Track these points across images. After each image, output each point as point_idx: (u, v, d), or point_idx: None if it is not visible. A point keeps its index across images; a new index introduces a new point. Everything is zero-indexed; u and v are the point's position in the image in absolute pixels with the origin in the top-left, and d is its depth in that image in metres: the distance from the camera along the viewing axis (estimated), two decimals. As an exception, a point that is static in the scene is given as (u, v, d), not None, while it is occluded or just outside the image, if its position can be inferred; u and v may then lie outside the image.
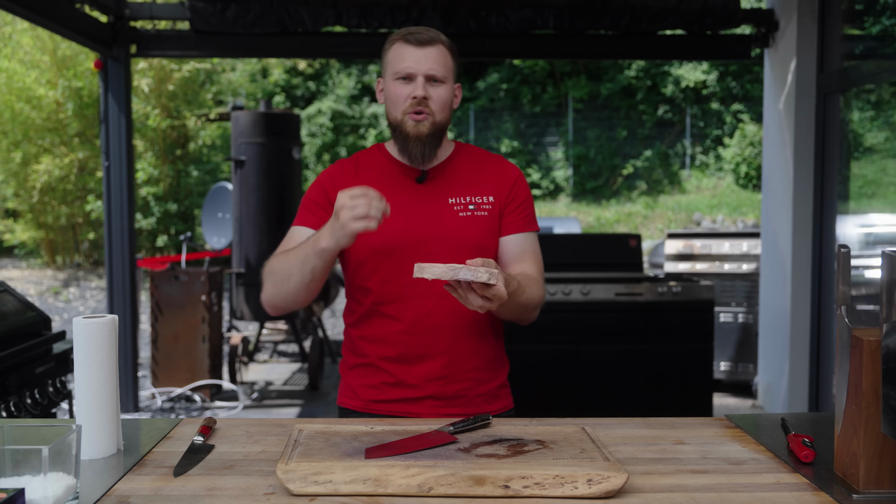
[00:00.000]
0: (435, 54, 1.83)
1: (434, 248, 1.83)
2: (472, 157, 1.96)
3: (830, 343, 4.70)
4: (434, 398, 1.85)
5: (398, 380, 1.86)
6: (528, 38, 5.49)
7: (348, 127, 16.93)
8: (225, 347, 6.52)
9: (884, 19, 4.70)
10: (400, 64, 1.83)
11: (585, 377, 4.28)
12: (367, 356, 1.90)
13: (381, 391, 1.88)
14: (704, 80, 16.11)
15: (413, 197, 1.87)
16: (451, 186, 1.90)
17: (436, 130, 1.84)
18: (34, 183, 11.20)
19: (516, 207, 1.92)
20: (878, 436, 1.32)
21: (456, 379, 1.86)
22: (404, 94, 1.82)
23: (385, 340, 1.86)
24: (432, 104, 1.83)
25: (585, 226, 14.50)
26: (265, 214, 5.98)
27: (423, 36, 1.83)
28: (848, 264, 1.36)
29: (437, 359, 1.84)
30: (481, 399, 1.89)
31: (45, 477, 1.20)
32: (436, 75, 1.82)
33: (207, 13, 5.20)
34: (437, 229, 1.84)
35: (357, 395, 1.92)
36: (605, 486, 1.31)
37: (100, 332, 1.51)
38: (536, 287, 1.86)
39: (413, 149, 1.84)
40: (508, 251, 1.91)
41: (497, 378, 1.94)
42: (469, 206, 1.88)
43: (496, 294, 1.58)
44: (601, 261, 4.76)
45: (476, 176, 1.92)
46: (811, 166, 4.81)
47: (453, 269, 1.52)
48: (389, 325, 1.86)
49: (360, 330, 1.91)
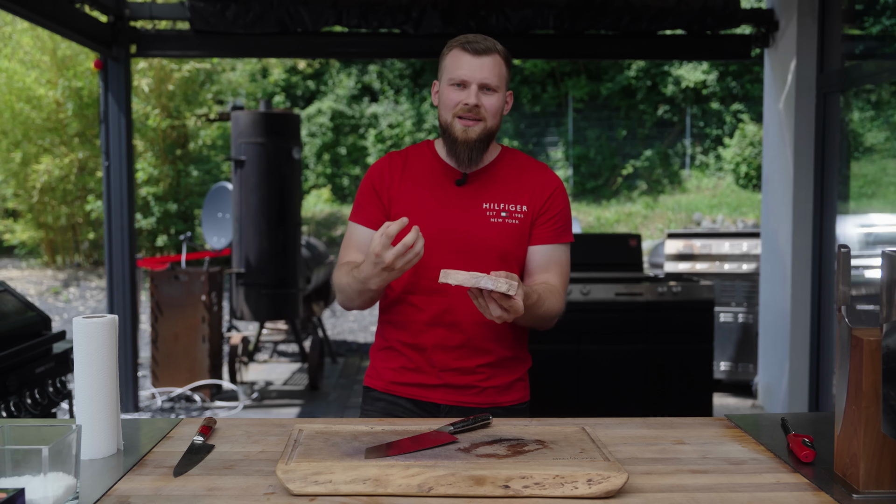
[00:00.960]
0: (490, 64, 1.90)
1: (461, 249, 1.92)
2: (515, 164, 2.03)
3: (830, 343, 4.70)
4: (448, 386, 1.96)
5: (416, 366, 1.97)
6: (528, 38, 5.48)
7: (348, 127, 16.92)
8: (225, 347, 6.51)
9: (884, 19, 4.69)
10: (456, 71, 1.91)
11: (585, 377, 4.28)
12: (389, 340, 2.02)
13: (400, 374, 1.99)
14: (704, 80, 16.10)
15: (450, 198, 1.97)
16: (488, 192, 1.97)
17: (485, 136, 1.93)
18: (34, 183, 11.19)
19: (550, 218, 1.99)
20: (878, 436, 1.32)
21: (467, 371, 1.95)
22: (456, 99, 1.91)
23: (407, 328, 1.98)
24: (484, 111, 1.91)
25: (585, 226, 14.50)
26: (265, 214, 5.97)
27: (479, 45, 1.91)
28: (848, 264, 1.36)
29: (451, 352, 1.95)
30: (494, 391, 1.98)
31: (45, 477, 1.20)
32: (489, 84, 1.91)
33: (207, 13, 5.20)
34: (467, 232, 1.93)
35: (380, 375, 2.03)
36: (605, 486, 1.31)
37: (100, 332, 1.51)
38: (557, 299, 1.94)
39: (461, 152, 1.93)
40: (535, 261, 2.00)
41: (512, 374, 2.02)
42: (501, 213, 1.96)
43: (513, 306, 1.67)
44: (601, 261, 4.76)
45: (515, 184, 1.99)
46: (811, 166, 4.81)
47: (475, 277, 1.62)
48: (413, 314, 1.97)
49: (388, 315, 2.02)
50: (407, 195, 1.98)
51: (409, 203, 1.96)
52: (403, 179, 2.00)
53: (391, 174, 2.01)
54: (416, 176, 2.00)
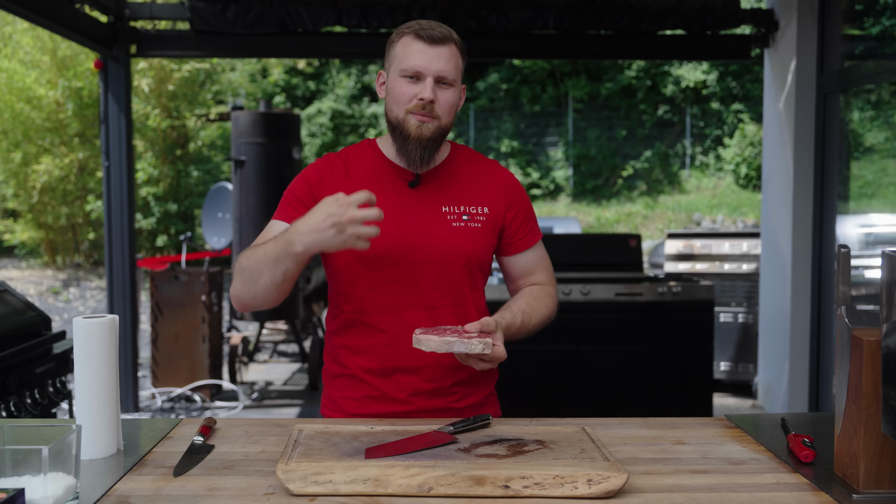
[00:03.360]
0: (447, 54, 1.71)
1: (424, 257, 1.75)
2: (468, 163, 1.86)
3: (830, 343, 4.70)
4: (419, 411, 1.77)
5: (382, 393, 1.78)
6: (528, 38, 5.49)
7: (348, 127, 16.93)
8: (225, 347, 6.51)
9: (884, 19, 4.69)
10: (408, 61, 1.70)
11: (585, 377, 4.28)
12: (349, 367, 1.81)
13: (364, 405, 1.79)
14: (704, 80, 16.11)
15: (405, 202, 1.77)
16: (446, 193, 1.80)
17: (439, 135, 1.74)
18: (34, 183, 11.19)
19: (521, 224, 1.86)
20: (878, 436, 1.32)
21: (441, 393, 1.79)
22: (410, 93, 1.71)
23: (368, 352, 1.78)
24: (438, 108, 1.72)
25: (585, 226, 14.50)
26: (265, 214, 5.97)
27: (435, 33, 1.71)
28: (848, 264, 1.36)
29: (421, 372, 1.76)
30: (470, 410, 1.82)
31: (45, 477, 1.20)
32: (446, 77, 1.71)
33: (207, 13, 5.20)
34: (429, 239, 1.75)
35: (340, 407, 1.83)
36: (605, 486, 1.31)
37: (100, 332, 1.51)
38: (547, 301, 1.86)
39: (413, 151, 1.73)
40: (518, 269, 1.89)
41: (485, 389, 1.88)
42: (463, 216, 1.78)
43: (494, 357, 1.60)
44: (601, 261, 4.76)
45: (471, 184, 1.83)
46: (811, 166, 4.81)
47: (447, 343, 1.55)
48: (373, 336, 1.77)
49: (342, 339, 1.81)
50: None
51: None
52: (347, 183, 1.75)
53: (332, 177, 1.78)
54: (363, 178, 1.78)
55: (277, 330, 6.91)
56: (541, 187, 16.26)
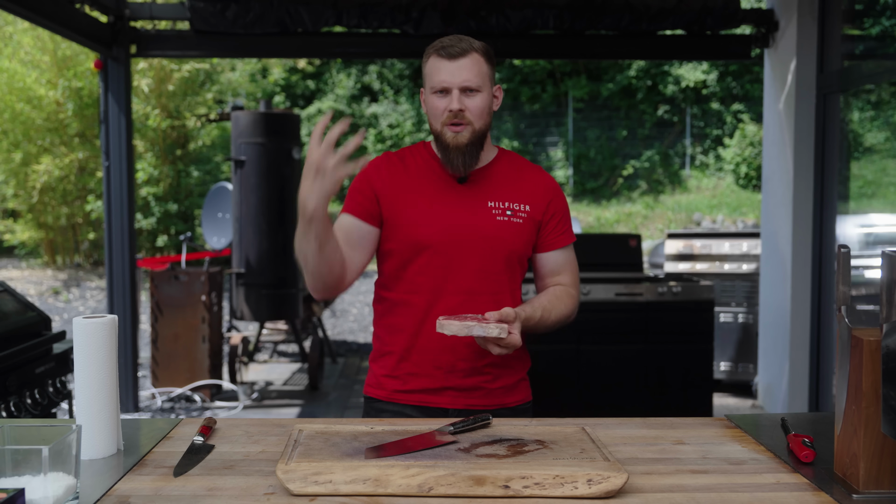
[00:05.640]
0: (468, 65, 1.87)
1: (468, 247, 1.91)
2: (513, 165, 2.02)
3: (830, 343, 4.70)
4: (454, 389, 1.92)
5: (420, 371, 1.93)
6: (528, 38, 5.48)
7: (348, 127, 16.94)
8: (225, 347, 6.51)
9: (883, 20, 4.69)
10: (435, 78, 1.89)
11: (585, 377, 4.28)
12: (392, 346, 1.96)
13: (404, 381, 1.94)
14: (704, 80, 16.11)
15: (454, 196, 1.94)
16: (491, 190, 1.96)
17: (475, 139, 1.91)
18: (34, 183, 11.19)
19: (557, 224, 2.01)
20: (878, 436, 1.32)
21: (474, 372, 1.92)
22: (441, 106, 1.89)
23: (409, 330, 1.93)
24: (469, 114, 1.89)
25: (585, 226, 14.50)
26: (265, 214, 5.97)
27: (454, 49, 1.87)
28: (848, 264, 1.36)
29: (457, 351, 1.90)
30: (501, 391, 1.96)
31: (45, 477, 1.20)
32: (470, 86, 1.88)
33: (207, 13, 5.20)
34: (475, 230, 1.91)
35: (382, 385, 1.98)
36: (605, 486, 1.31)
37: (100, 332, 1.51)
38: (568, 301, 1.99)
39: (454, 159, 1.90)
40: (548, 266, 2.03)
41: (516, 374, 2.01)
42: (507, 211, 1.94)
43: (510, 344, 1.74)
44: (601, 261, 4.76)
45: (515, 183, 1.98)
46: (811, 166, 4.81)
47: (467, 327, 1.70)
48: (416, 316, 1.92)
49: (387, 319, 1.98)
50: (409, 195, 1.94)
51: (414, 202, 1.92)
52: (404, 179, 1.96)
53: (389, 173, 1.97)
54: (417, 175, 1.97)
55: (277, 330, 6.91)
56: (541, 187, 16.23)
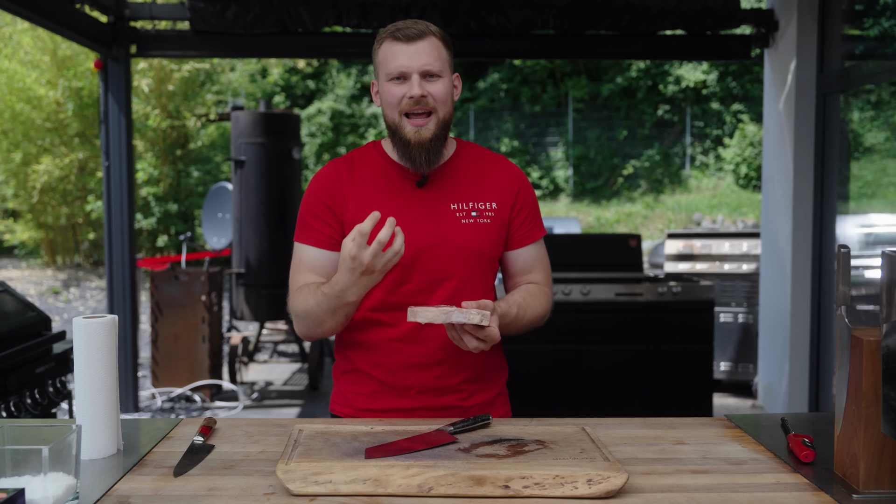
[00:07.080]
0: (427, 48, 1.71)
1: (435, 256, 1.76)
2: (475, 159, 1.86)
3: (830, 343, 4.70)
4: (426, 409, 1.79)
5: (390, 388, 1.80)
6: (528, 38, 5.49)
7: (348, 127, 16.93)
8: (225, 347, 6.51)
9: (883, 20, 4.69)
10: (392, 63, 1.72)
11: (585, 377, 4.28)
12: (359, 363, 1.83)
13: (372, 399, 1.82)
14: (704, 80, 16.11)
15: (413, 202, 1.78)
16: (453, 191, 1.80)
17: (440, 131, 1.74)
18: (34, 183, 11.19)
19: (525, 219, 1.86)
20: (878, 436, 1.32)
21: (449, 390, 1.80)
22: (399, 94, 1.72)
23: (378, 348, 1.80)
24: (432, 100, 1.72)
25: (585, 226, 14.50)
26: (265, 214, 5.98)
27: (412, 31, 1.72)
28: (848, 264, 1.36)
29: (430, 369, 1.78)
30: (477, 409, 1.83)
31: (45, 477, 1.20)
32: (431, 70, 1.71)
33: (207, 13, 5.20)
34: (440, 237, 1.76)
35: (349, 402, 1.86)
36: (605, 486, 1.31)
37: (100, 332, 1.51)
38: (542, 299, 1.85)
39: (416, 156, 1.74)
40: (518, 264, 1.88)
41: (493, 388, 1.88)
42: (472, 212, 1.79)
43: (489, 335, 1.58)
44: (601, 261, 4.76)
45: (479, 180, 1.83)
46: (811, 166, 4.81)
47: (445, 313, 1.54)
48: (383, 332, 1.79)
49: (353, 335, 1.83)
50: (362, 205, 1.76)
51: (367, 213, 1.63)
52: (354, 188, 1.78)
53: (340, 184, 1.79)
54: (369, 182, 1.79)
55: (277, 330, 6.91)
56: (541, 187, 16.26)
